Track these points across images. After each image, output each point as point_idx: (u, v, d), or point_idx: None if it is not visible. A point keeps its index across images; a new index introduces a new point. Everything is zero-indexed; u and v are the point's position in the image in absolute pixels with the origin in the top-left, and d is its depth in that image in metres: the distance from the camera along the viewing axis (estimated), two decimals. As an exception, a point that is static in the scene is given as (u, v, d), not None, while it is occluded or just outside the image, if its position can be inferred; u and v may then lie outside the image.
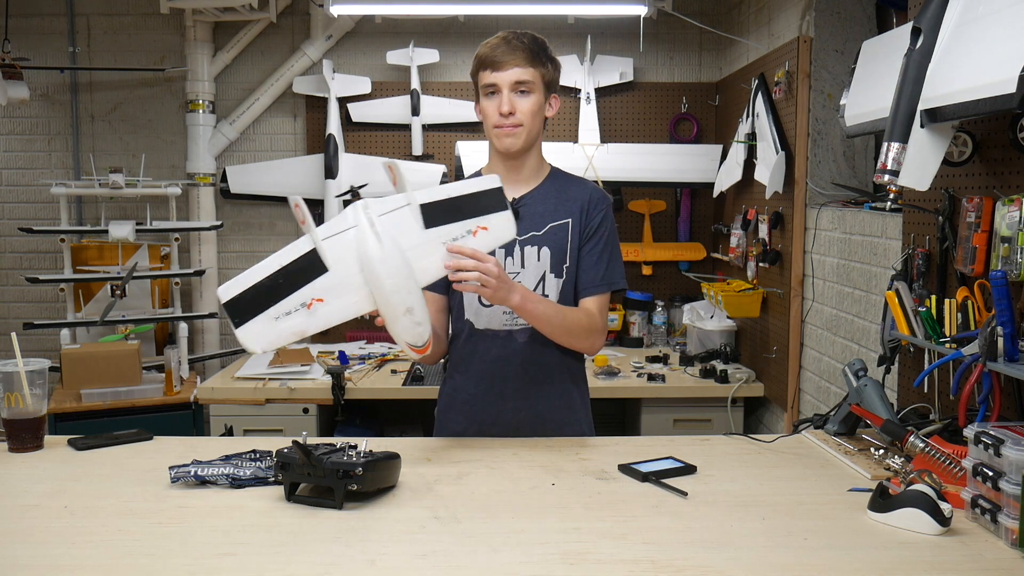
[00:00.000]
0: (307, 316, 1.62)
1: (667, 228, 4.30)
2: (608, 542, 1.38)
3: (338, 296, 1.64)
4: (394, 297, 1.64)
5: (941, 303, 1.88)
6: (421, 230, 1.67)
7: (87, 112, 4.28)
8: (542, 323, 1.89)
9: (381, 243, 1.63)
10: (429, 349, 1.73)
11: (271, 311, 1.60)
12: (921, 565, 1.31)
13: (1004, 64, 1.50)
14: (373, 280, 1.64)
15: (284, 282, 1.61)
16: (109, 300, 3.68)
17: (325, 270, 1.62)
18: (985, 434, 1.42)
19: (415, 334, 1.68)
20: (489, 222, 1.73)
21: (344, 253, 1.64)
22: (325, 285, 1.62)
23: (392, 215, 1.66)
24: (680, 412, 3.50)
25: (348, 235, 1.65)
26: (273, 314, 1.60)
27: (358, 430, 3.50)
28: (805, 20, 3.10)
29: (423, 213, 1.67)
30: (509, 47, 1.90)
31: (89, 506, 1.53)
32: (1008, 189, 1.77)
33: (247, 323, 1.60)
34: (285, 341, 1.62)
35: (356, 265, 1.64)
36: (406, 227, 1.67)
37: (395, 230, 1.66)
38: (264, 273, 1.61)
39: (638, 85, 4.24)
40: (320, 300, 1.62)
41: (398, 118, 4.17)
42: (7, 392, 1.83)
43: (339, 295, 1.64)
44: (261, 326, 1.60)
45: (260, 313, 1.60)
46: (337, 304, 1.64)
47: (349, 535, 1.40)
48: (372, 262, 1.63)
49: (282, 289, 1.61)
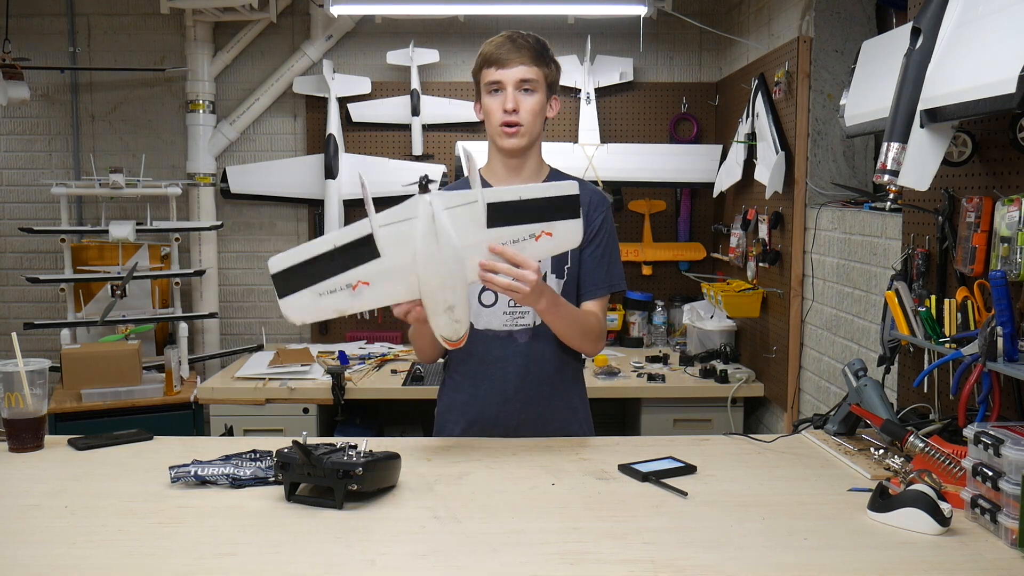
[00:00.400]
0: (351, 297, 1.64)
1: (667, 228, 4.30)
2: (608, 542, 1.38)
3: (384, 282, 1.65)
4: (439, 294, 1.65)
5: (941, 303, 1.88)
6: (482, 229, 1.65)
7: (87, 112, 4.28)
8: (562, 327, 1.91)
9: (438, 240, 1.62)
10: (462, 343, 1.73)
11: (316, 287, 1.62)
12: (921, 565, 1.31)
13: (1004, 64, 1.50)
14: (422, 273, 1.64)
15: (334, 262, 1.62)
16: (109, 300, 3.68)
17: (377, 255, 1.62)
18: (985, 434, 1.42)
19: (452, 329, 1.69)
20: (555, 228, 1.69)
21: (399, 241, 1.63)
22: (374, 270, 1.63)
23: (457, 210, 1.65)
24: (680, 412, 3.50)
25: (406, 225, 1.63)
26: (318, 290, 1.62)
27: (358, 430, 3.50)
28: (805, 20, 3.10)
29: (488, 212, 1.65)
30: (514, 46, 1.91)
31: (89, 506, 1.54)
32: (1008, 189, 1.77)
33: (291, 295, 1.63)
34: (325, 317, 1.65)
35: (408, 255, 1.63)
36: (468, 224, 1.65)
37: (456, 226, 1.64)
38: (316, 251, 1.62)
39: (638, 85, 4.24)
40: (366, 283, 1.63)
41: (398, 118, 4.17)
42: (7, 392, 1.83)
43: (385, 281, 1.65)
44: (304, 299, 1.63)
45: (305, 288, 1.62)
46: (382, 289, 1.65)
47: (349, 535, 1.40)
48: (424, 257, 1.63)
49: (331, 268, 1.62)
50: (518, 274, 1.67)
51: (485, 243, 1.66)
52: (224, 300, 4.31)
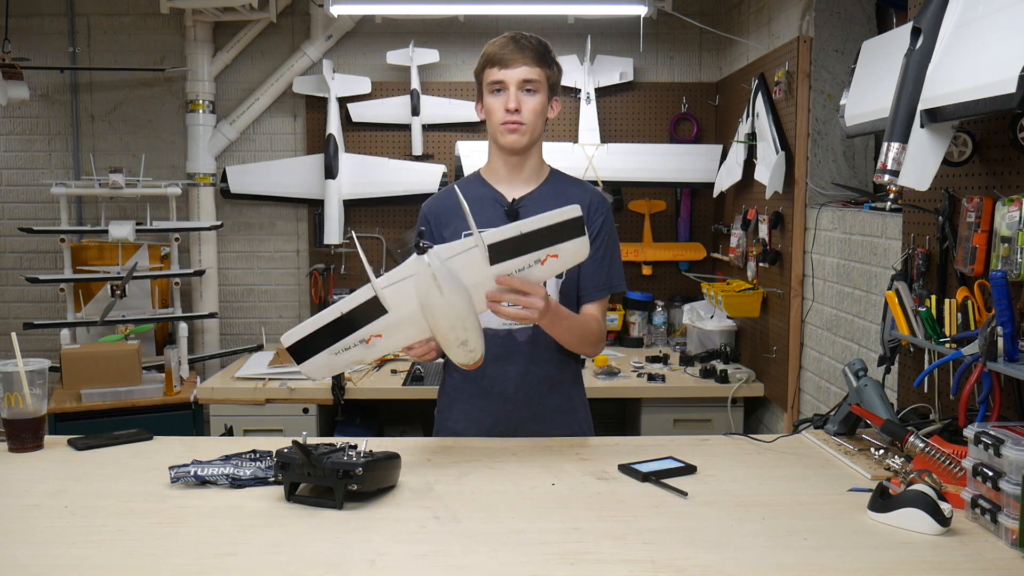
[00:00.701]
0: (365, 349, 1.71)
1: (667, 228, 4.30)
2: (608, 542, 1.38)
3: (395, 332, 1.71)
4: (451, 334, 1.67)
5: (941, 303, 1.88)
6: (486, 267, 1.68)
7: (87, 112, 4.28)
8: (563, 337, 1.94)
9: (441, 292, 1.63)
10: (479, 365, 1.75)
11: (332, 348, 1.70)
12: (921, 565, 1.31)
13: (1004, 64, 1.50)
14: (431, 320, 1.67)
15: (344, 326, 1.69)
16: (109, 300, 3.68)
17: (385, 312, 1.67)
18: (985, 434, 1.42)
19: (467, 358, 1.72)
20: (561, 249, 1.69)
21: (404, 296, 1.67)
22: (384, 324, 1.69)
23: (459, 258, 1.67)
24: (680, 412, 3.50)
25: (408, 283, 1.67)
26: (334, 350, 1.70)
27: (358, 430, 3.50)
28: (805, 20, 3.10)
29: (490, 252, 1.67)
30: (518, 46, 1.92)
31: (89, 506, 1.54)
32: (1008, 189, 1.76)
33: (308, 360, 1.72)
34: (343, 369, 1.74)
35: (416, 304, 1.67)
36: (471, 266, 1.67)
37: (460, 270, 1.66)
38: (326, 320, 1.69)
39: (638, 85, 4.24)
40: (379, 336, 1.70)
41: (398, 118, 4.17)
42: (7, 392, 1.83)
43: (396, 331, 1.70)
44: (322, 360, 1.71)
45: (321, 351, 1.70)
46: (394, 338, 1.72)
47: (349, 535, 1.40)
48: (432, 308, 1.65)
49: (343, 330, 1.69)
50: (526, 302, 1.69)
51: (491, 278, 1.68)
52: (224, 300, 4.31)
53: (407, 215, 4.21)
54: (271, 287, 4.36)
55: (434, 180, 4.07)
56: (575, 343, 1.98)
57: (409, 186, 4.08)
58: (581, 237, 1.69)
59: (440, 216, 2.03)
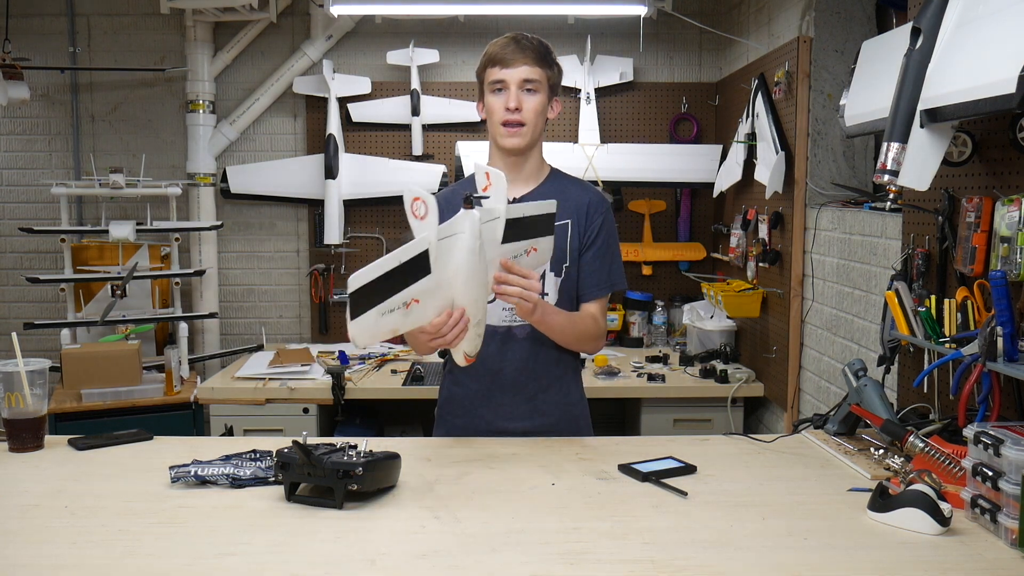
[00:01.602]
0: (403, 316, 1.60)
1: (667, 228, 4.30)
2: (608, 542, 1.38)
3: (429, 299, 1.61)
4: (471, 308, 1.66)
5: (941, 303, 1.89)
6: (499, 244, 1.68)
7: (87, 112, 4.28)
8: (556, 333, 1.96)
9: (478, 259, 1.63)
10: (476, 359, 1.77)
11: (381, 306, 1.58)
12: (921, 565, 1.31)
13: (1004, 64, 1.50)
14: (460, 290, 1.63)
15: (398, 279, 1.58)
16: (109, 300, 3.68)
17: (428, 272, 1.59)
18: (985, 434, 1.42)
19: (474, 345, 1.72)
20: (539, 244, 1.79)
21: (444, 256, 1.61)
22: (424, 288, 1.60)
23: (487, 225, 1.66)
24: (680, 412, 3.50)
25: (453, 240, 1.62)
26: (380, 310, 1.58)
27: (358, 430, 3.50)
28: (805, 20, 3.10)
29: (506, 228, 1.68)
30: (519, 46, 1.94)
31: (89, 506, 1.54)
32: (1008, 189, 1.77)
33: (361, 315, 1.57)
34: (381, 338, 1.62)
35: (450, 271, 1.62)
36: (491, 238, 1.67)
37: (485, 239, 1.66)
38: (387, 267, 1.57)
39: (638, 85, 4.24)
40: (417, 301, 1.60)
41: (398, 118, 4.17)
42: (7, 392, 1.83)
43: (430, 298, 1.61)
44: (370, 320, 1.58)
45: (373, 307, 1.57)
46: (426, 307, 1.62)
47: (349, 535, 1.40)
48: (466, 274, 1.62)
49: (395, 285, 1.58)
50: (526, 284, 1.73)
51: (498, 258, 1.71)
52: (224, 300, 4.31)
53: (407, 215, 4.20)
54: (271, 287, 4.36)
55: (434, 180, 4.07)
56: (570, 341, 2.01)
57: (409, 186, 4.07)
58: (550, 236, 1.78)
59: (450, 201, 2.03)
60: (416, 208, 1.59)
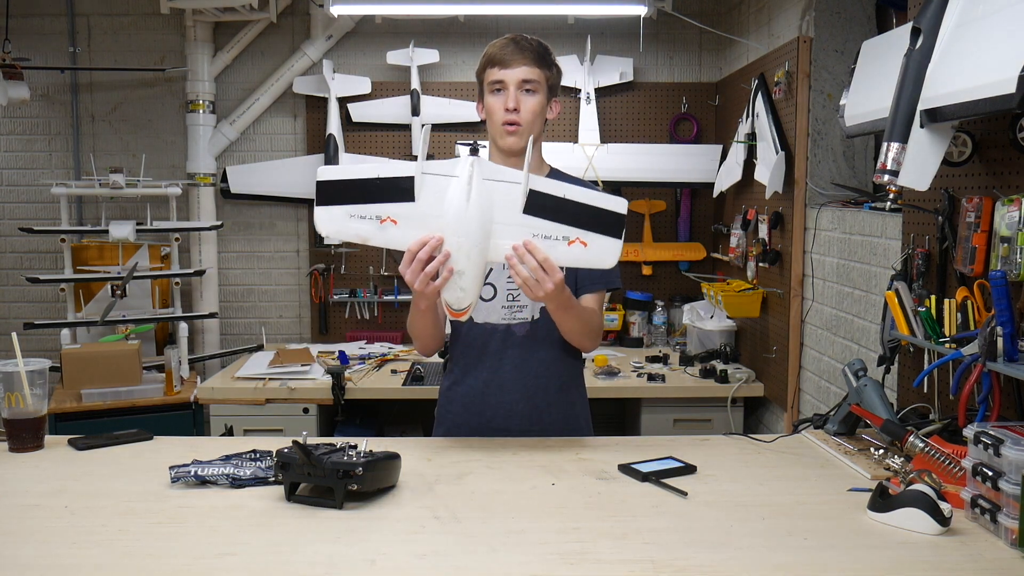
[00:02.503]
0: (375, 229, 1.70)
1: (667, 228, 4.30)
2: (608, 542, 1.38)
3: (409, 226, 1.69)
4: (456, 255, 1.67)
5: (941, 303, 1.88)
6: (518, 212, 1.68)
7: (87, 112, 4.28)
8: (568, 326, 1.93)
9: (468, 202, 1.66)
10: (466, 315, 1.76)
11: (350, 207, 1.70)
12: (921, 565, 1.31)
13: (1004, 64, 1.50)
14: (447, 232, 1.67)
15: (373, 190, 1.69)
16: (109, 300, 3.68)
17: (412, 199, 1.68)
18: (985, 434, 1.42)
19: (456, 297, 1.72)
20: (593, 240, 1.69)
21: (435, 193, 1.68)
22: (404, 212, 1.69)
23: (500, 185, 1.69)
24: (680, 412, 3.50)
25: (445, 181, 1.69)
26: (350, 211, 1.70)
27: (358, 430, 3.50)
28: (805, 20, 3.10)
29: (528, 198, 1.68)
30: (518, 47, 1.95)
31: (89, 506, 1.54)
32: (1008, 189, 1.77)
33: (327, 205, 1.71)
34: (349, 238, 1.72)
35: (439, 208, 1.68)
36: (506, 202, 1.68)
37: (494, 199, 1.68)
38: (361, 174, 1.70)
39: (638, 85, 4.24)
40: (394, 222, 1.70)
41: (398, 118, 4.17)
42: (8, 392, 1.83)
43: (409, 226, 1.69)
44: (336, 214, 1.70)
45: (341, 204, 1.70)
46: (405, 232, 1.70)
47: (349, 535, 1.40)
48: (449, 215, 1.67)
49: (369, 195, 1.69)
50: (540, 276, 1.69)
51: (516, 226, 1.69)
52: (224, 300, 4.31)
53: (407, 215, 4.21)
54: (271, 287, 4.36)
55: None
56: (577, 334, 1.97)
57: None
58: (616, 239, 1.69)
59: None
60: (423, 135, 1.72)
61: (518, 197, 1.68)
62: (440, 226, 1.68)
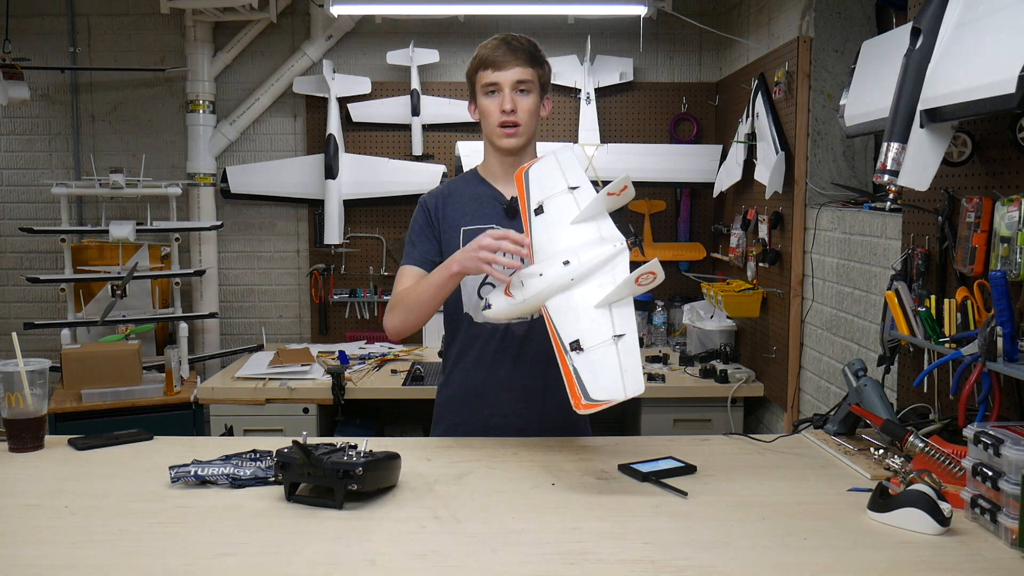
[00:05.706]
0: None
1: (667, 228, 4.30)
2: (608, 542, 1.38)
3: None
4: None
5: (941, 303, 1.88)
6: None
7: (87, 112, 4.28)
8: None
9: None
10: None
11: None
12: (921, 565, 1.31)
13: (1004, 64, 1.50)
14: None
15: None
16: (109, 300, 3.68)
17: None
18: (985, 434, 1.42)
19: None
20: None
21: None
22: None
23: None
24: (680, 412, 3.50)
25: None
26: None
27: (358, 430, 3.50)
28: (805, 20, 3.10)
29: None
30: (510, 48, 1.96)
31: (89, 506, 1.54)
32: (1007, 189, 1.77)
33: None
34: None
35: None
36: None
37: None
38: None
39: (638, 85, 4.24)
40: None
41: (398, 118, 4.17)
42: (7, 392, 1.83)
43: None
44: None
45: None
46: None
47: (349, 535, 1.40)
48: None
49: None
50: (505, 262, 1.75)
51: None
52: (224, 300, 4.31)
53: (407, 215, 4.17)
54: (271, 287, 4.36)
55: (434, 180, 4.07)
56: None
57: (409, 186, 4.08)
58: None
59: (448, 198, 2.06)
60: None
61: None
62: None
